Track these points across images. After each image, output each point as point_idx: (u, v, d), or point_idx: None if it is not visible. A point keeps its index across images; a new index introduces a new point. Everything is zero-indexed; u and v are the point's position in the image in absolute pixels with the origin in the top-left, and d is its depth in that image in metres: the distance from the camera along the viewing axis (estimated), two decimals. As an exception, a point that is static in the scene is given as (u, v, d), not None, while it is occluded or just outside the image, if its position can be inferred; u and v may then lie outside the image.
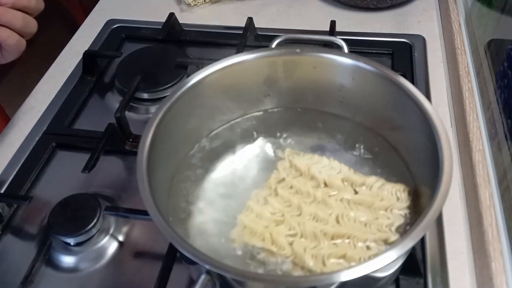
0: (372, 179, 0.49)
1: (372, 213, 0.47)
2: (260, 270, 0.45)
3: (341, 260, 0.45)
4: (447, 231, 0.53)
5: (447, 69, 0.71)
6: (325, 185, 0.50)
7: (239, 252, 0.46)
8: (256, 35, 0.78)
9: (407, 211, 0.47)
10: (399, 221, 0.46)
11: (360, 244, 0.45)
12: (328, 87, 0.55)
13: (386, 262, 0.36)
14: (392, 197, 0.48)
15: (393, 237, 0.45)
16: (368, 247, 0.45)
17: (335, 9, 0.85)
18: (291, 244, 0.46)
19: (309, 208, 0.48)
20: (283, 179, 0.51)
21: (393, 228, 0.46)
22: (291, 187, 0.50)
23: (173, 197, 0.51)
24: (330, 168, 0.51)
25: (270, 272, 0.45)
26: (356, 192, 0.49)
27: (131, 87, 0.66)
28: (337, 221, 0.47)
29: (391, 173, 0.51)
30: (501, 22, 0.65)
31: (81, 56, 0.76)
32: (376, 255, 0.43)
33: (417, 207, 0.47)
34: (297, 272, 0.45)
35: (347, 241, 0.46)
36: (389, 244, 0.45)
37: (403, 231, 0.46)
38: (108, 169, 0.62)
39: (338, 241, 0.46)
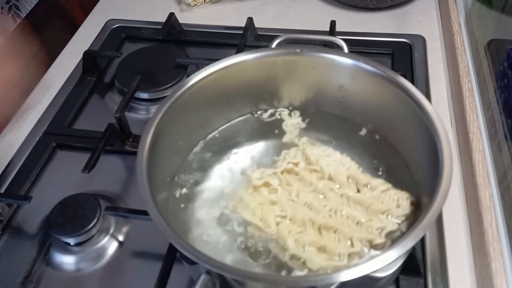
0: (377, 182, 0.49)
1: (368, 214, 0.47)
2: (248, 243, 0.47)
3: (321, 251, 0.45)
4: (447, 231, 0.53)
5: (447, 69, 0.71)
6: (330, 178, 0.50)
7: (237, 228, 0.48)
8: (256, 35, 0.78)
9: (403, 220, 0.47)
10: (392, 227, 0.46)
11: (344, 240, 0.46)
12: (328, 87, 0.55)
13: (386, 262, 0.36)
14: (393, 203, 0.48)
15: (379, 240, 0.45)
16: (352, 245, 0.45)
17: (335, 9, 0.85)
18: (278, 224, 0.47)
19: (307, 196, 0.49)
20: (291, 164, 0.52)
21: (383, 233, 0.46)
22: (297, 173, 0.51)
23: (173, 197, 0.51)
24: (340, 163, 0.51)
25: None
26: (358, 191, 0.49)
27: (131, 87, 0.66)
28: (330, 214, 0.47)
29: (392, 175, 0.51)
30: (501, 22, 0.65)
31: (81, 56, 0.76)
32: (356, 253, 0.44)
33: (416, 219, 0.47)
34: (277, 251, 0.46)
35: (333, 234, 0.46)
36: (373, 246, 0.45)
37: (394, 238, 0.46)
38: (108, 169, 0.62)
39: (325, 232, 0.46)
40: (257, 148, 0.56)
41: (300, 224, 0.47)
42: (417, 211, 0.47)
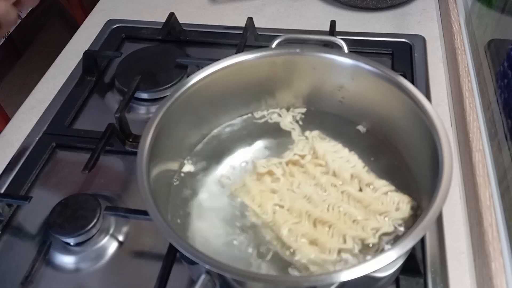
0: (381, 183, 0.49)
1: (366, 213, 0.47)
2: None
3: (313, 244, 0.46)
4: (447, 231, 0.53)
5: (447, 69, 0.71)
6: (334, 174, 0.51)
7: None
8: (256, 35, 0.78)
9: (401, 223, 0.47)
10: (387, 229, 0.46)
11: (337, 235, 0.46)
12: (328, 87, 0.55)
13: (386, 262, 0.36)
14: (392, 205, 0.48)
15: (372, 239, 0.45)
16: (344, 241, 0.45)
17: (335, 9, 0.85)
18: (275, 212, 0.48)
19: (308, 188, 0.50)
20: (297, 156, 0.52)
21: (378, 233, 0.46)
22: (302, 166, 0.52)
23: (173, 196, 0.51)
24: (346, 160, 0.52)
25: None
26: (360, 190, 0.49)
27: (131, 87, 0.66)
28: (327, 209, 0.48)
29: (392, 175, 0.51)
30: (501, 22, 0.65)
31: (81, 56, 0.76)
32: (347, 250, 0.44)
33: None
34: (270, 238, 0.47)
35: (327, 229, 0.46)
36: (365, 245, 0.45)
37: (389, 240, 0.46)
38: (108, 169, 0.62)
39: (320, 226, 0.47)
40: (257, 147, 0.56)
41: (297, 215, 0.48)
42: (417, 216, 0.47)
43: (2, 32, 0.48)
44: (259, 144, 0.56)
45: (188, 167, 0.54)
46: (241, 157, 0.55)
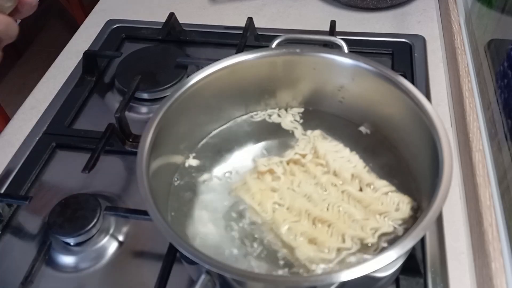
0: (381, 183, 0.49)
1: (366, 213, 0.47)
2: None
3: (312, 243, 0.46)
4: (447, 231, 0.53)
5: (447, 69, 0.71)
6: (335, 174, 0.51)
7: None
8: (256, 35, 0.78)
9: (400, 224, 0.47)
10: (387, 229, 0.46)
11: (336, 235, 0.46)
12: (328, 87, 0.55)
13: (386, 262, 0.36)
14: (392, 206, 0.48)
15: (371, 239, 0.45)
16: (343, 240, 0.45)
17: (335, 9, 0.85)
18: (274, 211, 0.48)
19: (308, 188, 0.50)
20: (298, 155, 0.52)
21: (377, 233, 0.46)
22: (303, 165, 0.52)
23: (173, 196, 0.51)
24: (347, 160, 0.52)
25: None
26: (361, 190, 0.49)
27: (131, 87, 0.66)
28: (327, 208, 0.48)
29: (393, 175, 0.51)
30: (501, 22, 0.65)
31: (81, 56, 0.76)
32: (345, 249, 0.45)
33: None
34: (269, 237, 0.47)
35: (326, 228, 0.47)
36: (364, 244, 0.45)
37: (388, 240, 0.46)
38: (108, 169, 0.62)
39: (319, 224, 0.47)
40: (256, 147, 0.56)
41: (296, 213, 0.48)
42: (417, 216, 0.47)
43: (2, 45, 0.47)
44: (259, 144, 0.56)
45: (188, 167, 0.54)
46: (241, 156, 0.55)
